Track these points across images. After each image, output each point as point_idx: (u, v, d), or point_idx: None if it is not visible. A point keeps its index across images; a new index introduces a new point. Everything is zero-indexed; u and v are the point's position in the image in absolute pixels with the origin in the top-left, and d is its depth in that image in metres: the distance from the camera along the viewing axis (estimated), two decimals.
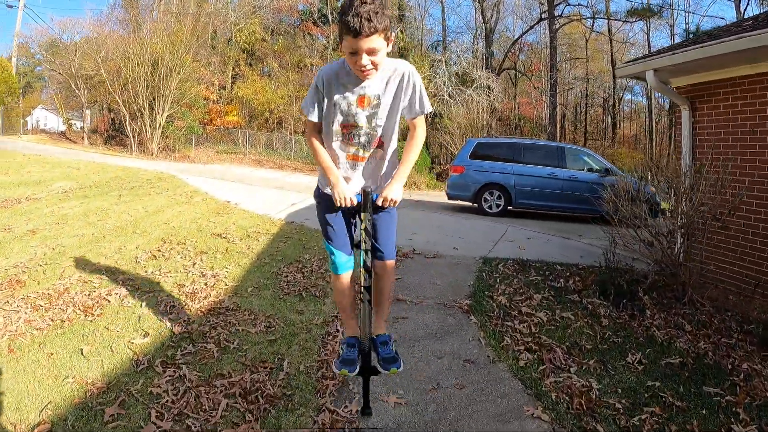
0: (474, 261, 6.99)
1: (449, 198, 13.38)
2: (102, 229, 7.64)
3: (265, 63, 33.79)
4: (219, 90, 32.92)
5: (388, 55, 2.47)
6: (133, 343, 4.00)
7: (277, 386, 3.47)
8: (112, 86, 23.02)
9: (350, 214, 2.84)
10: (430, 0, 34.79)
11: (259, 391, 3.37)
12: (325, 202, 2.77)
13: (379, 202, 2.64)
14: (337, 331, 4.42)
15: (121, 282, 5.42)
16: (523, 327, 4.56)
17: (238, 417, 3.09)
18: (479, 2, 31.15)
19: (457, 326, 4.62)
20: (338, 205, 2.62)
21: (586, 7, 29.59)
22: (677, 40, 29.15)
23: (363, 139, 2.66)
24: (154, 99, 23.18)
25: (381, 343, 2.85)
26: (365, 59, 2.35)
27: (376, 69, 2.44)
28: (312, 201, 2.94)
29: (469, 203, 13.03)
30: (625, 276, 5.49)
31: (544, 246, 8.26)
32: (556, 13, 28.65)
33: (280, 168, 24.37)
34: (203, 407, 3.15)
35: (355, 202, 2.63)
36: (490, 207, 12.46)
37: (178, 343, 4.02)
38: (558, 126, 31.41)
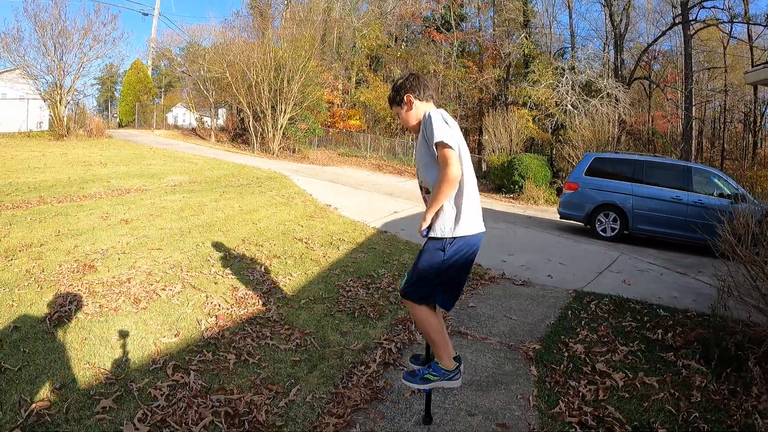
0: (565, 294, 6.20)
1: (561, 217, 12.33)
2: (191, 224, 7.71)
3: (388, 69, 33.93)
4: (342, 94, 33.51)
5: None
6: (160, 341, 3.99)
7: (272, 413, 3.17)
8: (237, 88, 24.01)
9: None
10: (559, 5, 33.23)
11: (250, 415, 3.10)
12: None
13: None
14: (373, 361, 3.97)
15: (181, 278, 5.41)
16: (589, 390, 3.66)
17: None
18: (607, 6, 29.12)
19: (512, 376, 3.90)
20: None
21: (722, 9, 26.57)
22: None
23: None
24: (276, 101, 23.89)
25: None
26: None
27: (405, 126, 3.14)
28: (415, 211, 2.99)
29: (582, 224, 11.94)
30: (735, 337, 4.28)
31: (654, 282, 7.21)
32: (690, 17, 26.08)
33: (399, 174, 24.21)
34: (186, 419, 2.99)
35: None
36: (604, 230, 11.27)
37: (200, 349, 3.93)
38: (693, 142, 28.66)
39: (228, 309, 4.78)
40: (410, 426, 3.16)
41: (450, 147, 2.66)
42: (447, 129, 2.73)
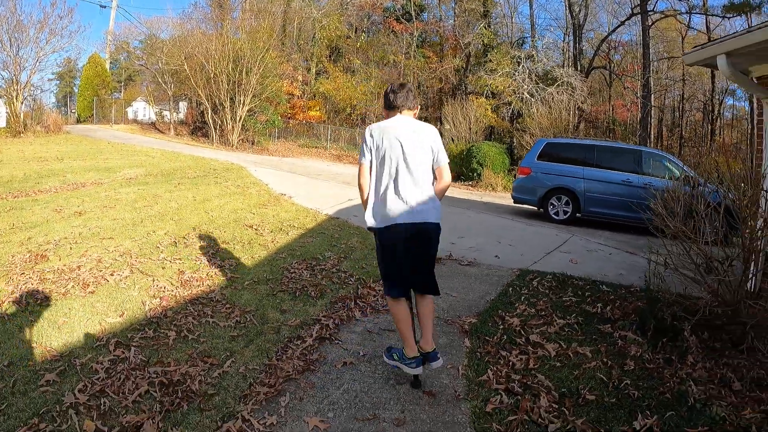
0: (510, 273, 6.29)
1: (514, 201, 12.42)
2: (143, 215, 7.71)
3: (348, 59, 33.83)
4: (302, 86, 33.30)
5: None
6: (105, 321, 4.14)
7: (205, 383, 3.28)
8: (196, 81, 23.70)
9: None
10: None
11: (184, 385, 3.21)
12: None
13: None
14: (310, 336, 4.04)
15: (130, 264, 5.51)
16: (520, 360, 3.72)
17: (147, 406, 2.97)
18: None
19: (445, 348, 3.95)
20: None
21: (680, 0, 27.33)
22: None
23: None
24: (235, 93, 23.65)
25: None
26: None
27: None
28: None
29: (536, 208, 12.10)
30: (671, 308, 4.32)
31: (602, 261, 7.34)
32: (648, 8, 26.63)
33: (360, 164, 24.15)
34: (124, 389, 3.12)
35: None
36: (557, 213, 11.44)
37: (143, 327, 4.07)
38: (653, 130, 29.31)
39: (173, 291, 4.92)
40: (338, 394, 3.22)
41: (360, 163, 3.43)
42: (362, 147, 3.40)
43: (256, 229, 7.45)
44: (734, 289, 4.09)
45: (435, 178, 3.44)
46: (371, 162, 3.37)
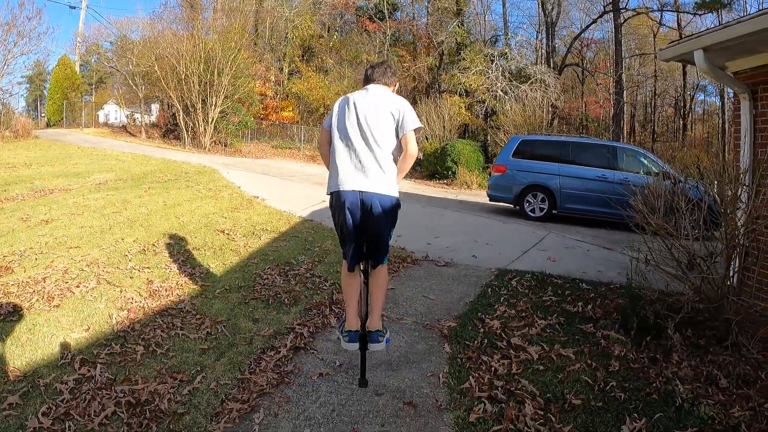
0: (488, 273, 6.18)
1: (490, 199, 12.41)
2: (112, 222, 7.45)
3: (321, 59, 33.57)
4: (275, 86, 32.96)
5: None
6: (70, 336, 3.96)
7: (175, 401, 3.13)
8: (167, 83, 23.28)
9: None
10: None
11: (153, 404, 3.06)
12: None
13: None
14: (284, 346, 3.88)
15: (97, 275, 5.30)
16: (502, 365, 3.61)
17: (114, 428, 2.85)
18: None
19: (424, 354, 3.84)
20: None
21: None
22: None
23: None
24: (207, 95, 23.30)
25: None
26: None
27: None
28: None
29: (512, 206, 12.04)
30: (654, 305, 4.25)
31: (580, 258, 7.29)
32: (620, 6, 26.90)
33: None
34: (89, 411, 2.97)
35: None
36: (533, 210, 11.41)
37: (109, 342, 3.88)
38: (625, 126, 29.61)
39: (141, 302, 4.73)
40: (315, 408, 3.08)
41: (321, 128, 3.57)
42: (327, 117, 3.49)
43: (228, 234, 7.25)
44: (718, 286, 4.05)
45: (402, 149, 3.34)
46: (331, 128, 3.38)
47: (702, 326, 4.15)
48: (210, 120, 23.52)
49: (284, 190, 12.00)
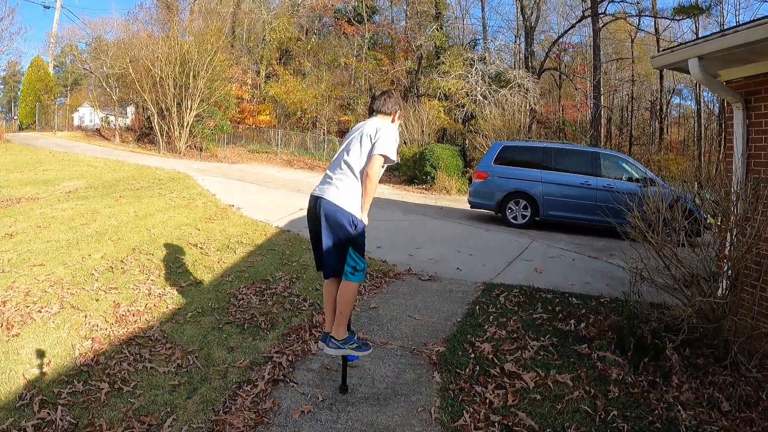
0: (474, 287, 5.96)
1: (471, 206, 12.19)
2: (79, 235, 7.06)
3: (299, 62, 33.25)
4: (252, 89, 32.55)
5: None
6: (29, 372, 3.65)
7: None
8: (142, 85, 22.73)
9: None
10: None
11: None
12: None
13: None
14: (261, 378, 3.59)
15: (60, 297, 4.96)
16: (497, 396, 3.36)
17: None
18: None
19: (413, 385, 3.59)
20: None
21: (631, 3, 27.81)
22: None
23: None
24: (182, 98, 22.79)
25: None
26: None
27: None
28: None
29: (493, 213, 11.83)
30: (650, 324, 4.11)
31: (566, 268, 7.12)
32: (599, 11, 27.05)
33: (311, 169, 23.63)
34: None
35: None
36: (515, 218, 11.23)
37: (71, 379, 3.58)
38: (603, 130, 29.77)
39: (107, 329, 4.41)
40: None
41: None
42: None
43: (201, 248, 6.92)
44: (718, 306, 3.87)
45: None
46: None
47: (699, 344, 4.01)
48: (185, 124, 23.00)
49: (261, 197, 11.66)
